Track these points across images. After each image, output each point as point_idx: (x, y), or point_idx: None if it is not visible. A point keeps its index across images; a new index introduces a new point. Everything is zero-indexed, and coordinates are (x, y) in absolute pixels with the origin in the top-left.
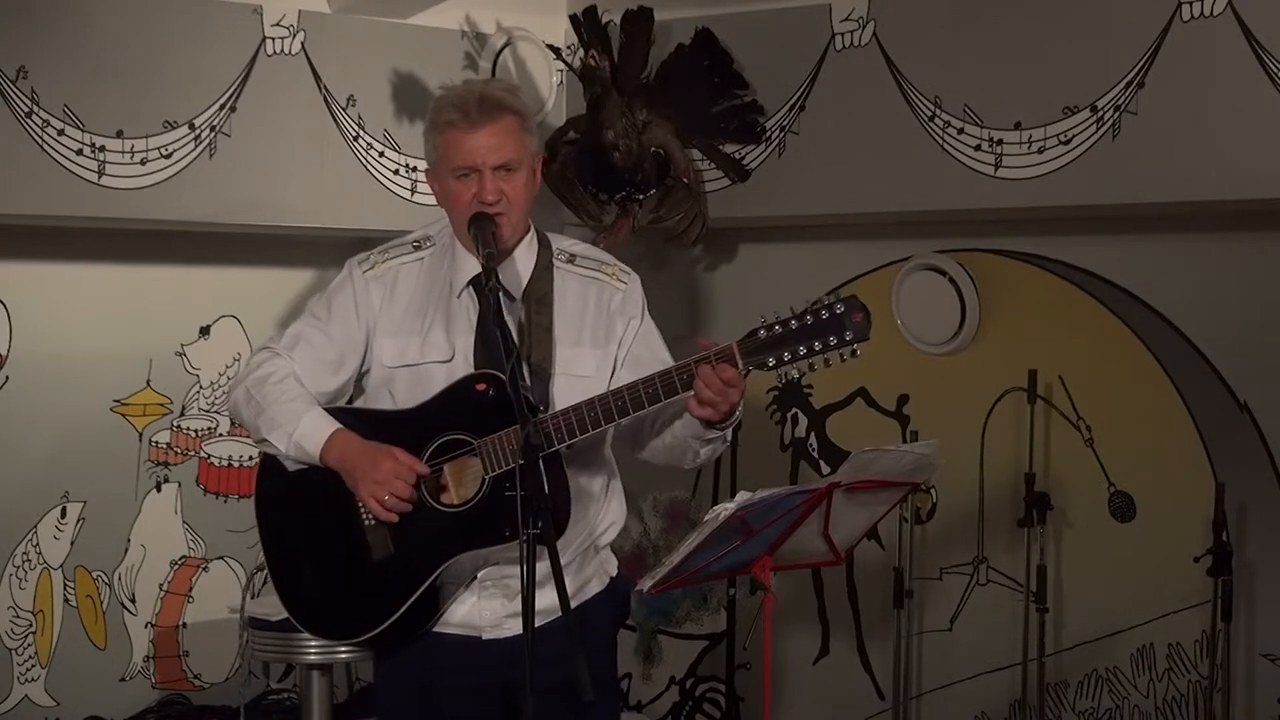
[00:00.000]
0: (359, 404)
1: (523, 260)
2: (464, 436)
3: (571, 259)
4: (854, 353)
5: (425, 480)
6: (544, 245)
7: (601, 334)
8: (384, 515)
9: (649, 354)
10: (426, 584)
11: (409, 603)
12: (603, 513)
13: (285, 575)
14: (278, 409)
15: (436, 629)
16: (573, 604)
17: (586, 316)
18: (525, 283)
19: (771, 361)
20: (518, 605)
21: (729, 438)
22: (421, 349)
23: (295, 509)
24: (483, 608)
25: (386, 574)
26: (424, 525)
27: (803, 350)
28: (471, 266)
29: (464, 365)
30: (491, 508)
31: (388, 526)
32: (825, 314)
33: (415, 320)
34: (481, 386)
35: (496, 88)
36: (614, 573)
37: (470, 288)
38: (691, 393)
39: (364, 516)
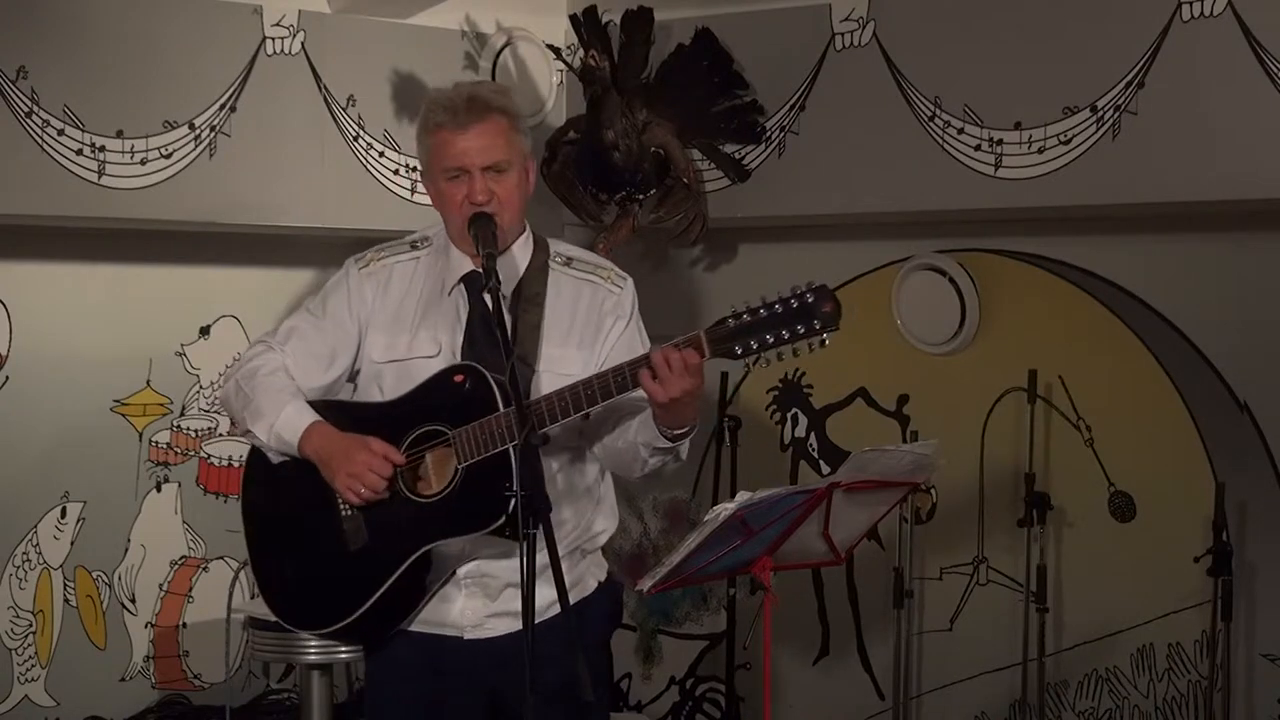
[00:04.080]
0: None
1: (517, 260)
2: (440, 428)
3: (568, 262)
4: (822, 343)
5: (403, 471)
6: (540, 247)
7: (590, 335)
8: (358, 503)
9: (628, 356)
10: (396, 574)
11: (378, 594)
12: (593, 516)
13: (265, 565)
14: (263, 400)
15: (420, 629)
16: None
17: (577, 318)
18: (517, 282)
19: (739, 349)
20: (500, 605)
21: (682, 454)
22: (410, 345)
23: (278, 500)
24: (464, 607)
25: (360, 565)
26: (397, 515)
27: (770, 339)
28: (464, 265)
29: (451, 361)
30: (464, 498)
31: (363, 517)
32: (795, 303)
33: (406, 317)
34: (459, 378)
35: (485, 88)
36: (604, 576)
37: (461, 285)
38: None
39: (341, 508)
